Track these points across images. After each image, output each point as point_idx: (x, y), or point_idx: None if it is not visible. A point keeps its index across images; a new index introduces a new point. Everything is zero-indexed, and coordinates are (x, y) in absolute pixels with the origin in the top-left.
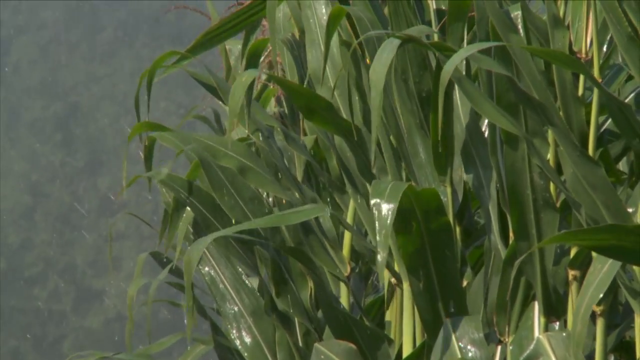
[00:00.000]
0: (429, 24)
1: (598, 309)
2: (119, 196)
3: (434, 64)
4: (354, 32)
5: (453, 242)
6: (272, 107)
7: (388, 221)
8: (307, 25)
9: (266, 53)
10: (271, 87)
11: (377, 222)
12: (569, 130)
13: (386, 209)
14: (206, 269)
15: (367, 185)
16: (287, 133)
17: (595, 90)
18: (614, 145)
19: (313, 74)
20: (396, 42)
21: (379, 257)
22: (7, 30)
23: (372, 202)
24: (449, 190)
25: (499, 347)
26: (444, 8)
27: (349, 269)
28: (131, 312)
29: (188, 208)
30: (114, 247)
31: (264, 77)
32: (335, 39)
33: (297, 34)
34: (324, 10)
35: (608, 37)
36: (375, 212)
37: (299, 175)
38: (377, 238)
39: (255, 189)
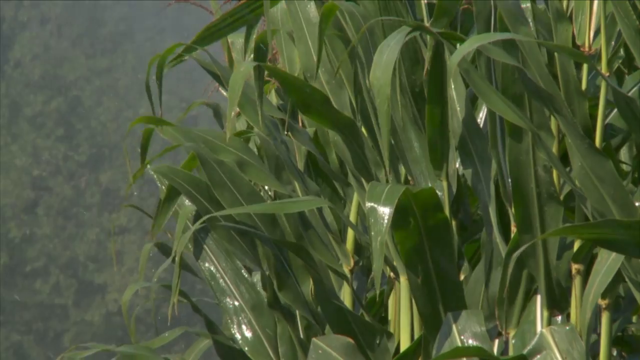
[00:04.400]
0: (421, 20)
1: (603, 303)
2: (126, 192)
3: (426, 58)
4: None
5: (451, 238)
6: (272, 99)
7: (384, 227)
8: (294, 21)
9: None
10: (271, 81)
11: (372, 228)
12: (576, 122)
13: (382, 213)
14: (206, 264)
15: (364, 180)
16: (291, 124)
17: (603, 84)
18: (615, 139)
19: (304, 68)
20: (393, 44)
21: (374, 264)
22: (10, 26)
23: (368, 206)
24: (445, 184)
25: (497, 341)
26: (434, 1)
27: (352, 263)
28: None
29: (187, 202)
30: (116, 241)
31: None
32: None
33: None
34: (308, 7)
35: (616, 31)
36: (371, 218)
37: (300, 168)
38: (373, 244)
39: (254, 185)
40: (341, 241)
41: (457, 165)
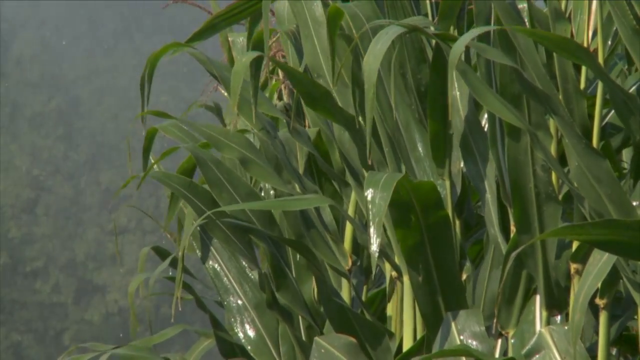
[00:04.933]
0: (426, 17)
1: (601, 302)
2: (115, 194)
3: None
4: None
5: (452, 236)
6: (274, 100)
7: (382, 209)
8: (300, 20)
9: (270, 44)
10: (274, 80)
11: (370, 211)
12: (574, 122)
13: (380, 198)
14: (210, 262)
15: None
16: (290, 124)
17: (600, 83)
18: (615, 138)
19: (310, 67)
20: (391, 33)
21: (373, 246)
22: (9, 25)
23: (367, 192)
24: (447, 183)
25: (499, 341)
26: None
27: (350, 262)
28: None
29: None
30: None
31: (268, 63)
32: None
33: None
34: (314, 6)
35: (613, 30)
36: (370, 202)
37: (301, 168)
38: (371, 225)
39: (252, 186)
40: (339, 241)
41: (462, 165)
